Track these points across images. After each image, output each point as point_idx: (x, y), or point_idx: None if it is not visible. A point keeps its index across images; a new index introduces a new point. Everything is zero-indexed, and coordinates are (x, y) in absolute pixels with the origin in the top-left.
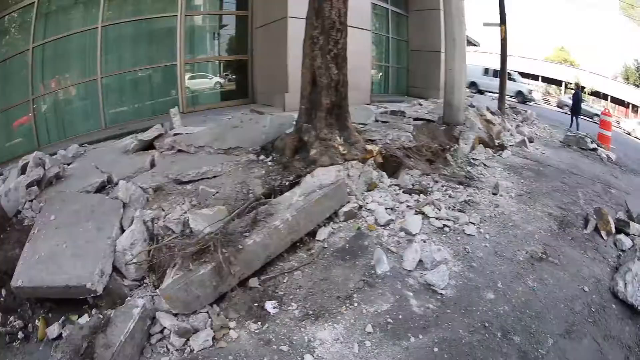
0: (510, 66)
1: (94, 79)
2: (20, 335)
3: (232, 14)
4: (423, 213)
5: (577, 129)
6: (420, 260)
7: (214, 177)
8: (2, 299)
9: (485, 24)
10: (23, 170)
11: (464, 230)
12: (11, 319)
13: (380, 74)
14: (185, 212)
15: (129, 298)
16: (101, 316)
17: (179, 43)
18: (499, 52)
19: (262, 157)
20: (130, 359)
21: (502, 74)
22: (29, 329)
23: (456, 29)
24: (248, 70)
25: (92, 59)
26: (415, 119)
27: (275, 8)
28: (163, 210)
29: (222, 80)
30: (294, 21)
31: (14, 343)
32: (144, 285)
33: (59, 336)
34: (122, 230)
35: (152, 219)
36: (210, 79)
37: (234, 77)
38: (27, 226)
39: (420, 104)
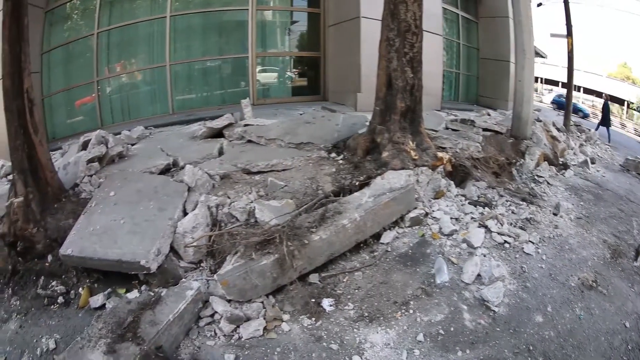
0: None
1: (162, 66)
2: (60, 300)
3: (304, 11)
4: (486, 226)
5: (609, 141)
6: (478, 274)
7: (284, 170)
8: (46, 264)
9: (553, 35)
10: (84, 146)
11: (523, 248)
12: (53, 283)
13: (451, 80)
14: (252, 202)
15: (183, 279)
16: (152, 294)
17: (251, 36)
18: (566, 66)
19: (333, 154)
20: (174, 338)
21: (568, 88)
22: (70, 296)
23: (526, 38)
24: (320, 67)
25: (161, 46)
26: (484, 130)
27: (347, 7)
28: (229, 197)
29: (291, 76)
30: (366, 21)
31: (52, 306)
32: (200, 268)
33: (102, 307)
34: (185, 214)
35: (216, 205)
36: (280, 73)
37: (305, 73)
38: (83, 199)
39: (489, 114)
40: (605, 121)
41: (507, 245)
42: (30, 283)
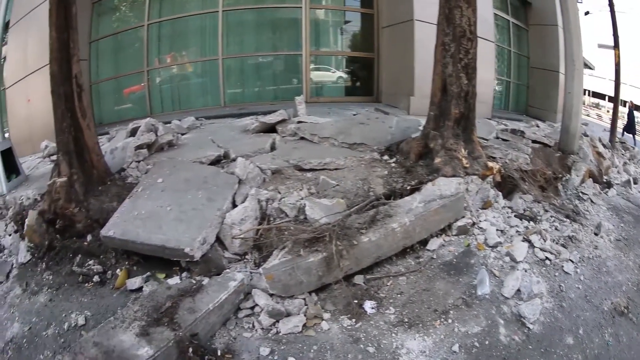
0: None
1: (214, 59)
2: (95, 279)
3: (357, 11)
4: (529, 241)
5: (635, 145)
6: (518, 289)
7: (336, 169)
8: (85, 243)
9: (600, 46)
10: (132, 133)
11: (563, 267)
12: (90, 262)
13: (502, 88)
14: (302, 199)
15: (227, 270)
16: (193, 281)
17: (304, 34)
18: (613, 78)
19: (385, 157)
20: (211, 327)
21: (615, 102)
22: (106, 276)
23: (575, 49)
24: (374, 68)
25: (213, 40)
26: (533, 141)
27: (400, 9)
28: (279, 192)
29: (344, 75)
30: (420, 24)
31: (87, 284)
32: (245, 261)
33: (139, 289)
34: (234, 205)
35: (266, 200)
36: (332, 72)
37: (358, 73)
38: (128, 184)
39: (538, 126)
40: (631, 128)
41: (548, 262)
42: (65, 260)
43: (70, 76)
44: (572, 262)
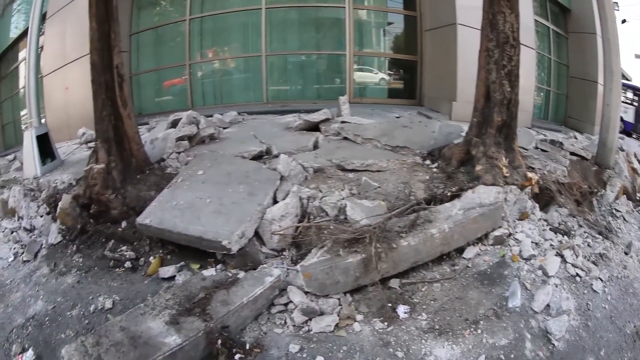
0: None
1: (258, 56)
2: (127, 264)
3: (400, 13)
4: (562, 256)
5: None
6: (547, 304)
7: (378, 171)
8: (119, 229)
9: (638, 56)
10: (173, 124)
11: (592, 284)
12: (123, 248)
13: (541, 97)
14: (344, 199)
15: (264, 265)
16: (229, 274)
17: (348, 34)
18: None
19: (427, 162)
20: (243, 320)
21: None
22: (139, 262)
23: (614, 59)
24: (417, 71)
25: (256, 37)
26: (571, 153)
27: (443, 13)
28: (320, 191)
29: (386, 77)
30: (463, 29)
31: (117, 269)
32: (282, 257)
33: (171, 278)
34: (275, 202)
35: (307, 197)
36: (375, 73)
37: (401, 76)
38: (167, 174)
39: (576, 138)
40: None
41: (578, 278)
42: (97, 244)
43: (112, 66)
44: (601, 280)
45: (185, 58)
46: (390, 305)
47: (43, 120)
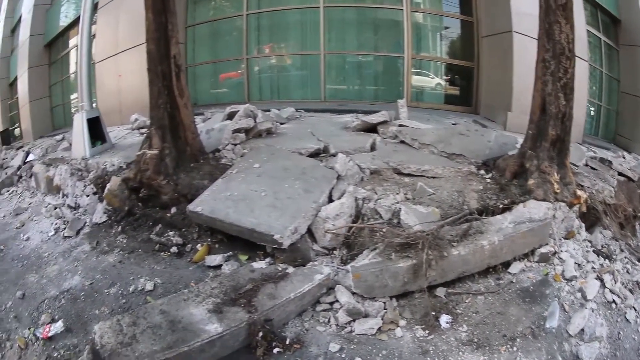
0: None
1: (316, 53)
2: (173, 249)
3: (457, 18)
4: (602, 280)
5: None
6: (582, 329)
7: (433, 177)
8: (168, 215)
9: None
10: (230, 116)
11: (625, 313)
12: (170, 233)
13: (592, 112)
14: (398, 203)
15: (314, 262)
16: (279, 268)
17: (406, 37)
18: None
19: (482, 171)
20: (287, 315)
21: None
22: (185, 248)
23: None
24: (473, 78)
25: (315, 35)
26: (619, 173)
27: (499, 19)
28: (376, 193)
29: (443, 82)
30: (519, 37)
31: (162, 253)
32: (332, 256)
33: (217, 267)
34: (330, 200)
35: (363, 199)
36: (432, 78)
37: (457, 82)
38: (222, 165)
39: (624, 157)
40: None
41: (614, 305)
42: (144, 227)
43: (169, 56)
44: (635, 310)
45: (243, 52)
46: (433, 313)
47: (94, 105)
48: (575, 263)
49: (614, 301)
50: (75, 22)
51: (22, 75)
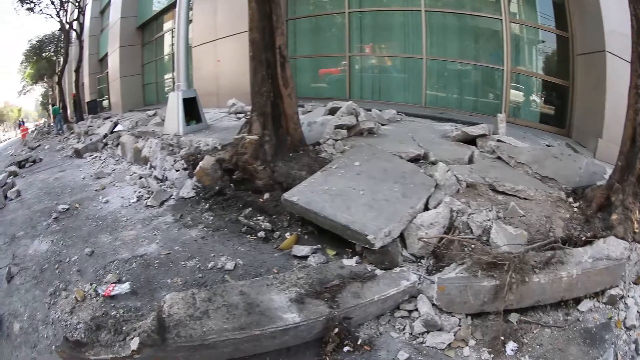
0: None
1: (418, 58)
2: (260, 234)
3: (552, 32)
4: None
5: None
6: None
7: (525, 199)
8: (260, 200)
9: None
10: (331, 112)
11: None
12: (260, 218)
13: None
14: (490, 220)
15: (403, 269)
16: (368, 268)
17: (506, 48)
18: None
19: (570, 199)
20: (365, 316)
21: None
22: (273, 235)
23: None
24: (568, 99)
25: (417, 38)
26: None
27: (592, 37)
28: (469, 207)
29: (538, 100)
30: (612, 58)
31: (249, 236)
32: (419, 264)
33: (304, 258)
34: (426, 208)
35: (457, 211)
36: (528, 94)
37: (552, 100)
38: (321, 158)
39: None
40: None
41: None
42: (233, 208)
43: (274, 46)
44: None
45: (345, 49)
46: (502, 338)
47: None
48: (638, 312)
49: None
50: (169, 7)
51: (112, 52)
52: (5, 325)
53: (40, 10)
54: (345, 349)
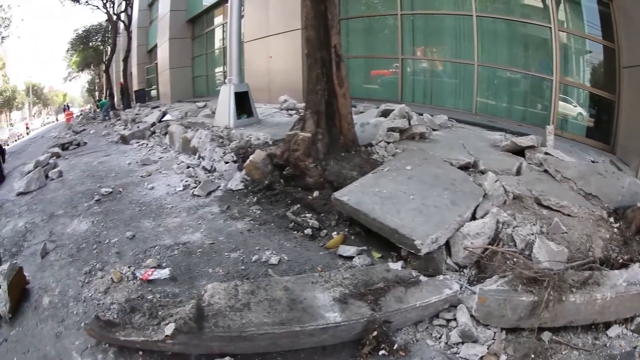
0: None
1: (470, 63)
2: (307, 231)
3: (599, 42)
4: None
5: None
6: None
7: (569, 215)
8: (309, 197)
9: None
10: (383, 114)
11: None
12: (308, 215)
13: None
14: (533, 234)
15: (446, 277)
16: (413, 274)
17: (555, 58)
18: None
19: (611, 219)
20: (404, 321)
21: None
22: (320, 233)
23: None
24: (614, 113)
25: (468, 43)
26: None
27: (637, 49)
28: (515, 219)
29: (584, 113)
30: None
31: (295, 232)
32: (461, 273)
33: (349, 258)
34: (473, 217)
35: (503, 222)
36: (574, 106)
37: (597, 114)
38: (372, 160)
39: None
40: None
41: None
42: (281, 203)
43: (329, 45)
44: None
45: (398, 52)
46: (532, 356)
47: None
48: None
49: None
50: (219, 2)
51: (162, 44)
52: (34, 298)
53: (86, 1)
54: (381, 352)
